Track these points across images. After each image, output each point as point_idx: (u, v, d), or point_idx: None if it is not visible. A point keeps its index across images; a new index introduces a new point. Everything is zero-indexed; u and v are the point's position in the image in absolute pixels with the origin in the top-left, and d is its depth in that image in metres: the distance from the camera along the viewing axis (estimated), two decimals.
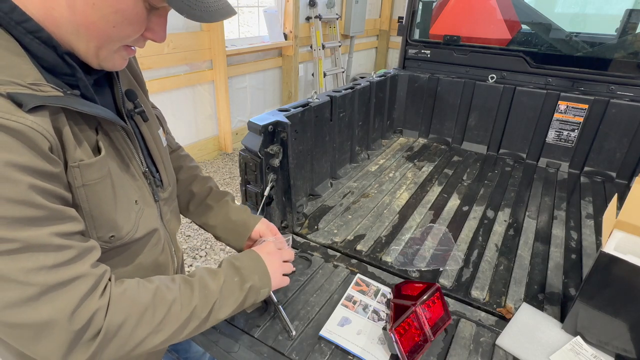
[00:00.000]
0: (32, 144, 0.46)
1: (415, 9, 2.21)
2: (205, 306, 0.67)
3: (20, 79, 0.48)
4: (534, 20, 2.24)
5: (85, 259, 0.53)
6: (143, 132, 0.74)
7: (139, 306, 0.58)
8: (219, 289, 0.70)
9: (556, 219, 1.52)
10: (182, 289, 0.65)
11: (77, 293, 0.50)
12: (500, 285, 1.15)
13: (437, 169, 1.92)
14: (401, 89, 2.26)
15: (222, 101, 3.71)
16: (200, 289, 0.67)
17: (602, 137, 1.86)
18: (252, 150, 1.18)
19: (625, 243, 0.87)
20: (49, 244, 0.48)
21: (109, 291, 0.55)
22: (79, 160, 0.54)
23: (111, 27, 0.52)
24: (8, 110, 0.45)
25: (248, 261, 0.79)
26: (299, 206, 1.48)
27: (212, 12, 0.54)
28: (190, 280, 0.68)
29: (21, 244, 0.46)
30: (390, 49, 6.53)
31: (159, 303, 0.60)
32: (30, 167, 0.46)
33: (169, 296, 0.62)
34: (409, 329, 0.89)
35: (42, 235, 0.47)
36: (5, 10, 0.48)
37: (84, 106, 0.54)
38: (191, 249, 2.56)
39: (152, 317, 0.59)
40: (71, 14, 0.50)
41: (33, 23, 0.49)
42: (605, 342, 0.90)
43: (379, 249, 1.30)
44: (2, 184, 0.43)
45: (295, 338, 0.93)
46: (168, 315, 0.61)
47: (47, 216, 0.48)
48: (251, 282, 0.76)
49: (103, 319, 0.53)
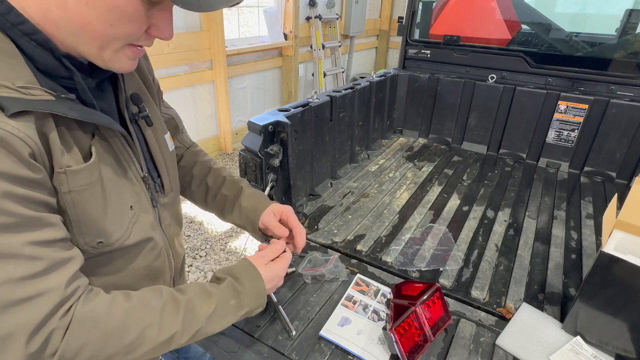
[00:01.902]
0: (11, 150, 0.45)
1: (415, 9, 2.21)
2: (187, 332, 0.63)
3: (10, 81, 0.47)
4: (534, 20, 2.24)
5: (57, 271, 0.50)
6: (147, 137, 0.72)
7: (105, 328, 0.54)
8: (207, 317, 0.65)
9: (556, 219, 1.52)
10: (164, 311, 0.61)
11: (41, 310, 0.48)
12: (500, 285, 1.15)
13: (437, 169, 1.92)
14: (401, 89, 2.26)
15: (222, 101, 3.71)
16: (186, 313, 0.63)
17: (602, 137, 1.86)
18: (252, 150, 1.18)
19: (625, 243, 0.87)
20: (21, 254, 0.46)
21: (72, 311, 0.51)
22: (66, 167, 0.52)
23: (109, 26, 0.51)
24: None
25: (250, 285, 0.73)
26: (299, 206, 1.48)
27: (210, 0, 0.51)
28: (179, 300, 0.63)
29: None
30: (390, 49, 6.53)
31: (131, 326, 0.56)
32: (7, 173, 0.45)
33: (144, 319, 0.58)
34: (409, 329, 0.89)
35: (14, 243, 0.46)
36: (1, 12, 0.47)
37: (73, 111, 0.52)
38: (191, 249, 2.56)
39: (120, 340, 0.55)
40: (66, 14, 0.49)
41: (29, 25, 0.49)
42: (605, 342, 0.90)
43: (379, 249, 1.30)
44: None
45: (295, 338, 0.93)
46: (141, 338, 0.57)
47: (21, 223, 0.46)
48: (247, 308, 0.72)
49: (60, 341, 0.50)
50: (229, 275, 0.73)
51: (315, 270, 1.12)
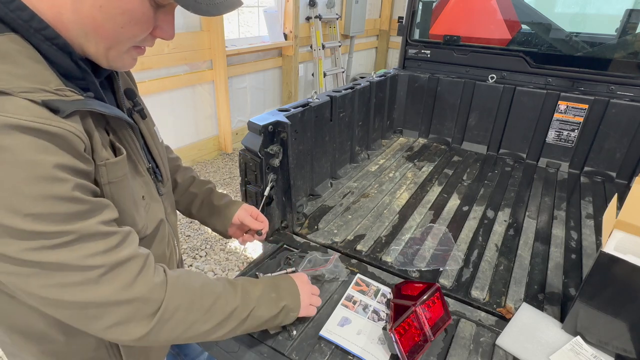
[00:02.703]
0: (71, 147, 0.49)
1: (415, 9, 2.21)
2: (245, 309, 0.71)
3: (46, 85, 0.49)
4: (534, 20, 2.24)
5: (128, 241, 0.57)
6: (142, 130, 0.75)
7: (192, 292, 0.62)
8: (257, 298, 0.75)
9: (556, 219, 1.52)
10: (226, 287, 0.69)
11: (131, 272, 0.55)
12: (500, 285, 1.15)
13: (437, 169, 1.92)
14: (401, 89, 2.26)
15: (222, 101, 3.71)
16: (242, 292, 0.72)
17: (602, 137, 1.86)
18: (252, 150, 1.18)
19: (625, 243, 0.87)
20: (98, 232, 0.52)
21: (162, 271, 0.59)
22: (105, 159, 0.57)
23: (119, 28, 0.53)
24: (47, 117, 0.47)
25: (285, 284, 0.86)
26: (299, 206, 1.48)
27: (218, 5, 0.54)
28: (234, 282, 0.73)
29: (75, 235, 0.50)
30: (390, 49, 6.53)
31: (207, 293, 0.64)
32: (72, 167, 0.50)
33: (215, 289, 0.66)
34: (409, 329, 0.89)
35: (91, 225, 0.51)
36: (24, 19, 0.49)
37: (105, 108, 0.56)
38: (191, 249, 2.56)
39: (201, 305, 0.63)
40: (78, 17, 0.51)
41: (51, 30, 0.51)
42: (605, 342, 0.90)
43: (379, 249, 1.30)
44: (53, 184, 0.47)
45: (295, 338, 0.93)
46: (214, 307, 0.65)
47: (90, 209, 0.52)
48: (285, 301, 0.82)
49: (163, 296, 0.58)
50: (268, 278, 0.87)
51: (315, 270, 1.12)
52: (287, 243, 1.30)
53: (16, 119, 0.44)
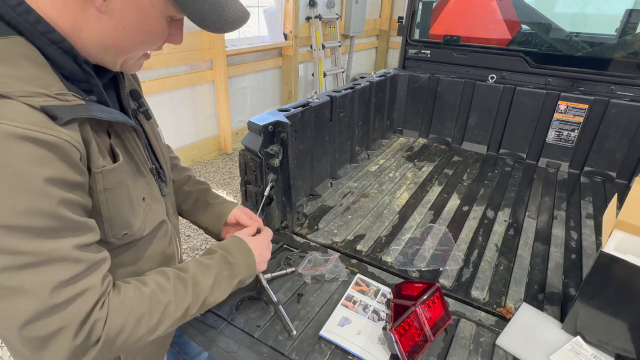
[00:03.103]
0: (66, 156, 0.49)
1: (415, 9, 2.21)
2: (197, 303, 0.70)
3: (47, 89, 0.49)
4: (534, 20, 2.24)
5: (96, 271, 0.56)
6: (146, 131, 0.75)
7: (136, 313, 0.60)
8: (210, 286, 0.73)
9: (556, 219, 1.52)
10: (176, 288, 0.68)
11: (84, 306, 0.53)
12: (500, 285, 1.15)
13: (437, 169, 1.92)
14: (401, 89, 2.26)
15: (222, 101, 3.71)
16: (193, 287, 0.70)
17: (602, 137, 1.86)
18: (252, 150, 1.18)
19: (625, 243, 0.87)
20: (69, 257, 0.51)
21: (107, 302, 0.57)
22: (102, 167, 0.56)
23: (139, 45, 0.58)
24: (44, 124, 0.47)
25: (241, 256, 0.82)
26: (299, 206, 1.48)
27: (231, 22, 0.58)
28: (184, 277, 0.70)
29: (44, 257, 0.48)
30: (390, 49, 6.53)
31: (154, 308, 0.63)
32: (63, 179, 0.49)
33: (163, 299, 0.65)
34: (409, 329, 0.89)
35: (64, 247, 0.50)
36: (30, 22, 0.49)
37: (105, 113, 0.57)
38: (191, 249, 2.56)
39: (148, 321, 0.62)
40: (99, 37, 0.54)
41: (57, 34, 0.51)
42: (605, 342, 0.90)
43: (379, 249, 1.30)
44: (38, 198, 0.46)
45: (295, 338, 0.93)
46: (163, 316, 0.64)
47: (70, 228, 0.51)
48: (240, 276, 0.80)
49: (102, 329, 0.55)
50: (221, 249, 0.80)
51: (315, 270, 1.12)
52: (287, 243, 1.30)
53: (12, 127, 0.44)
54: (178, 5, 0.55)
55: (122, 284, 0.62)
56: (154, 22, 0.56)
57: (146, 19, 0.55)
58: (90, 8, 0.51)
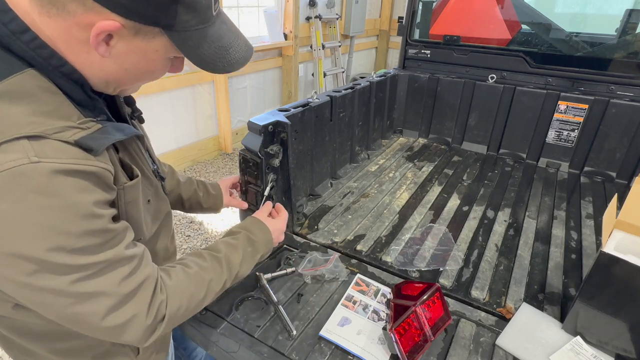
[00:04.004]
0: (103, 181, 0.55)
1: (415, 9, 2.20)
2: (230, 277, 0.81)
3: (70, 119, 0.53)
4: (534, 20, 2.24)
5: (146, 261, 0.63)
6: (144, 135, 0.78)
7: (188, 292, 0.70)
8: (239, 263, 0.83)
9: (556, 219, 1.52)
10: (214, 267, 0.77)
11: (148, 292, 0.62)
12: (500, 285, 1.15)
13: (437, 169, 1.92)
14: (401, 89, 2.26)
15: (222, 101, 3.70)
16: (227, 265, 0.80)
17: (602, 137, 1.86)
18: (252, 150, 1.18)
19: (625, 243, 0.87)
20: (124, 257, 0.58)
21: (164, 286, 0.66)
22: (124, 184, 0.62)
23: (140, 80, 0.63)
24: (83, 157, 0.52)
25: (260, 235, 0.92)
26: (299, 206, 1.48)
27: (234, 63, 0.62)
28: (218, 257, 0.80)
29: (107, 263, 0.55)
30: (390, 49, 6.52)
31: (200, 285, 0.73)
32: (105, 200, 0.55)
33: (206, 277, 0.75)
34: (409, 329, 0.89)
35: (119, 251, 0.57)
36: (44, 56, 0.52)
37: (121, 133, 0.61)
38: (191, 249, 2.56)
39: (197, 297, 0.72)
40: (104, 74, 0.57)
41: (69, 66, 0.54)
42: (605, 342, 0.90)
43: (379, 249, 1.30)
44: (92, 220, 0.52)
45: (295, 338, 0.93)
46: (207, 292, 0.74)
47: (118, 235, 0.58)
48: (261, 252, 0.91)
49: (165, 308, 0.64)
50: (243, 229, 0.91)
51: (315, 270, 1.12)
52: (287, 243, 1.30)
53: (58, 164, 0.48)
54: (182, 52, 0.58)
55: (170, 269, 0.70)
56: (157, 63, 0.59)
57: (149, 62, 0.58)
58: (95, 52, 0.53)
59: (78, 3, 0.49)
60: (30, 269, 0.49)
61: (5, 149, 0.46)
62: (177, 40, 0.56)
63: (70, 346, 0.69)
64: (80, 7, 0.49)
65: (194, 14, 0.54)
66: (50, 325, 0.65)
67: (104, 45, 0.53)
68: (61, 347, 0.69)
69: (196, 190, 1.10)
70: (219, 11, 0.60)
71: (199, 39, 0.57)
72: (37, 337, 0.67)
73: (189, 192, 1.08)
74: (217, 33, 0.59)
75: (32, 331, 0.66)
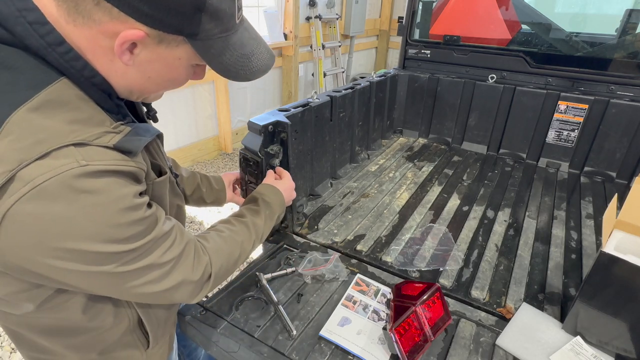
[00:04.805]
0: (139, 178, 0.60)
1: (415, 9, 2.20)
2: (258, 238, 0.91)
3: (104, 125, 0.56)
4: (534, 20, 2.24)
5: (180, 230, 0.68)
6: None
7: (226, 252, 0.79)
8: (263, 224, 0.93)
9: (556, 219, 1.52)
10: (242, 230, 0.87)
11: (190, 256, 0.68)
12: (500, 285, 1.15)
13: (437, 169, 1.92)
14: (401, 89, 2.26)
15: (222, 101, 3.70)
16: (253, 227, 0.90)
17: (602, 137, 1.86)
18: (252, 150, 1.18)
19: (625, 243, 0.87)
20: (164, 232, 0.63)
21: (205, 249, 0.74)
22: (153, 179, 0.67)
23: (163, 88, 0.65)
24: (122, 158, 0.56)
25: (274, 197, 1.02)
26: (299, 206, 1.48)
27: (255, 71, 0.63)
28: (245, 221, 0.90)
29: (153, 242, 0.61)
30: (390, 49, 6.52)
31: (235, 247, 0.82)
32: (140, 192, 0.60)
33: (238, 239, 0.84)
34: (409, 329, 0.89)
35: (159, 229, 0.62)
36: (77, 68, 0.54)
37: (148, 134, 0.64)
38: None
39: (234, 257, 0.81)
40: (126, 82, 0.59)
41: (100, 77, 0.56)
42: (605, 342, 0.90)
43: (379, 249, 1.30)
44: (135, 210, 0.57)
45: (295, 338, 0.93)
46: (241, 252, 0.84)
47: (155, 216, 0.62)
48: (278, 212, 1.02)
49: (210, 268, 0.73)
50: (259, 195, 1.01)
51: (315, 270, 1.12)
52: (287, 243, 1.30)
53: (103, 165, 0.52)
54: (204, 60, 0.59)
55: (207, 234, 0.80)
56: (179, 71, 0.60)
57: (172, 70, 0.60)
58: (119, 60, 0.55)
59: (104, 12, 0.50)
60: (90, 260, 0.54)
61: (55, 155, 0.49)
62: (200, 48, 0.57)
63: (83, 340, 0.71)
64: (106, 15, 0.50)
65: (218, 22, 0.55)
66: (64, 322, 0.67)
67: (127, 54, 0.54)
68: (74, 342, 0.71)
69: (199, 184, 1.12)
70: (242, 19, 0.60)
71: (222, 47, 0.58)
72: (52, 333, 0.68)
73: (192, 187, 1.11)
74: (239, 41, 0.60)
75: (47, 328, 0.67)
